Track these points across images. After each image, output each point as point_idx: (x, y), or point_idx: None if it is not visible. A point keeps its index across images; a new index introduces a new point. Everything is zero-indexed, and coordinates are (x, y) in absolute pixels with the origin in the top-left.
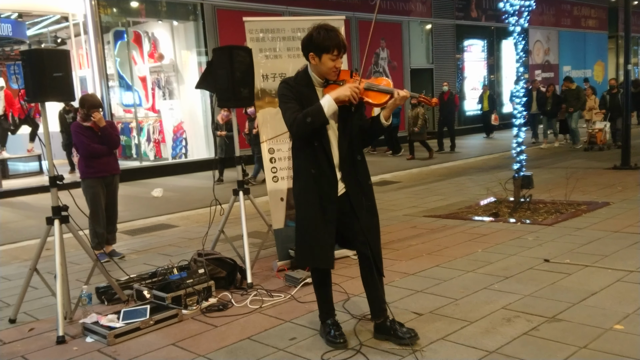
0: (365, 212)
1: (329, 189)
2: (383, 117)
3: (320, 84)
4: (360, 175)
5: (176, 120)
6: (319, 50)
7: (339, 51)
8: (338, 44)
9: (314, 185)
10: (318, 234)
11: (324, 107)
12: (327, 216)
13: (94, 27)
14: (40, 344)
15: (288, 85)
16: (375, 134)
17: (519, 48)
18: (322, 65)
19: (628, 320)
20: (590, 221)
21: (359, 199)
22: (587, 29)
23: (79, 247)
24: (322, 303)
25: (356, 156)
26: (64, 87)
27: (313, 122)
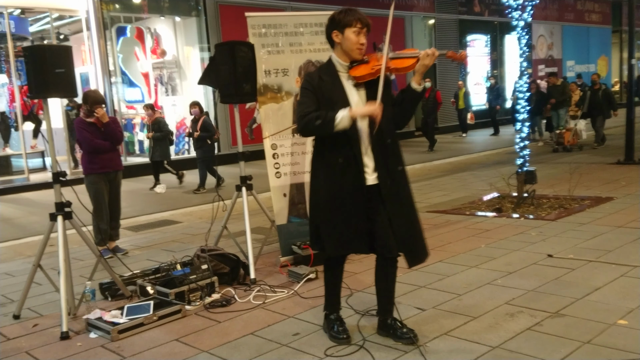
0: (396, 199)
1: (356, 178)
2: (415, 82)
3: (345, 68)
4: (389, 161)
5: (179, 117)
6: (341, 27)
7: (361, 24)
8: (360, 18)
9: (340, 173)
10: (341, 220)
11: (336, 119)
12: (351, 204)
13: (96, 23)
14: (44, 339)
15: (310, 77)
16: (409, 103)
17: (523, 43)
18: (346, 41)
19: (632, 315)
20: (594, 216)
21: (390, 187)
22: (590, 23)
23: (82, 243)
24: (330, 296)
25: (386, 140)
26: (66, 83)
27: (320, 127)
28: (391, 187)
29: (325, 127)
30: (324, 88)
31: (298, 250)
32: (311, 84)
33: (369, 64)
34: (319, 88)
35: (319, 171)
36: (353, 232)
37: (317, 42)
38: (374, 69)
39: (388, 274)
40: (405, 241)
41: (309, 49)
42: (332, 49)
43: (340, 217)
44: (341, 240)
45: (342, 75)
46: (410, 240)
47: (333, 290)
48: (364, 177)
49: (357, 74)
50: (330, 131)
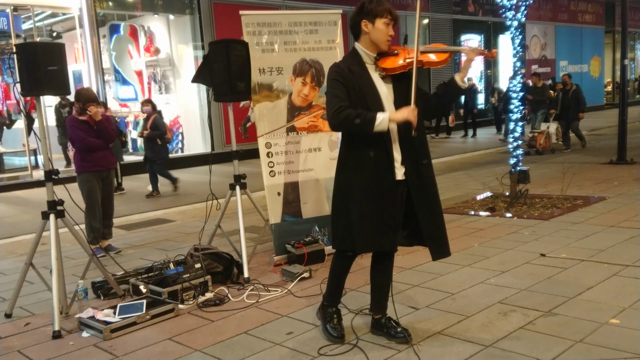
0: (422, 192)
1: (388, 172)
2: (459, 79)
3: (372, 60)
4: (417, 153)
5: (172, 115)
6: (371, 16)
7: (392, 16)
8: (390, 10)
9: (371, 168)
10: (380, 218)
11: (376, 120)
12: (381, 198)
13: (89, 21)
14: (36, 338)
15: (338, 68)
16: (451, 98)
17: (516, 43)
18: (376, 31)
19: (624, 314)
20: (587, 216)
21: (416, 181)
22: (583, 23)
23: (74, 241)
24: (333, 286)
25: (411, 132)
26: (59, 80)
27: (359, 126)
28: (417, 180)
29: (364, 127)
30: (354, 79)
31: (292, 249)
32: (341, 75)
33: (398, 57)
34: (349, 79)
35: (349, 165)
36: (385, 229)
37: (312, 40)
38: (406, 61)
39: (386, 269)
40: (431, 234)
41: (303, 48)
42: (355, 39)
43: (374, 213)
44: (374, 237)
45: (369, 67)
46: (436, 234)
47: (338, 280)
48: (395, 171)
49: (388, 65)
50: (368, 132)
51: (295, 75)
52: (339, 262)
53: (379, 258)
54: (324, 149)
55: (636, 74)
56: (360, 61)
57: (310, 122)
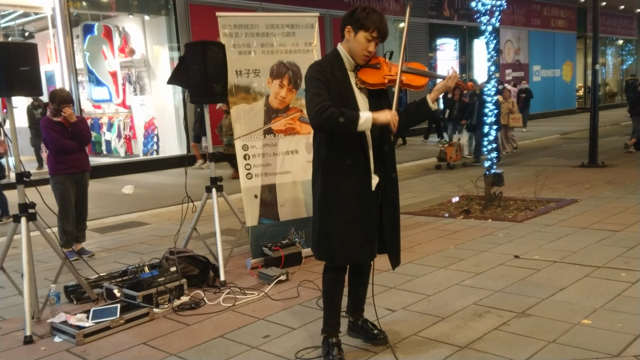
0: (390, 205)
1: (365, 181)
2: (430, 100)
3: (352, 67)
4: (387, 166)
5: (147, 116)
6: (357, 25)
7: (378, 34)
8: (380, 27)
9: (350, 177)
10: (352, 227)
11: (360, 119)
12: (361, 208)
13: (62, 21)
14: (7, 344)
15: (321, 67)
16: (420, 118)
17: (491, 47)
18: (355, 43)
19: (595, 315)
20: (559, 218)
21: (386, 192)
22: (556, 29)
23: (47, 245)
24: (331, 312)
25: (384, 146)
26: (31, 81)
27: (343, 125)
28: (387, 192)
29: (348, 126)
30: (335, 84)
31: (269, 252)
32: (323, 75)
33: (379, 72)
34: (331, 81)
35: (327, 173)
36: (365, 240)
37: (289, 43)
38: (386, 79)
39: (363, 276)
40: (392, 245)
41: (281, 50)
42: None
43: (354, 224)
44: (354, 249)
45: (350, 74)
46: (397, 245)
47: (334, 303)
48: (370, 182)
49: (368, 80)
50: (352, 131)
51: (273, 77)
52: (327, 276)
53: (358, 264)
54: (301, 151)
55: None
56: (342, 66)
57: (288, 125)
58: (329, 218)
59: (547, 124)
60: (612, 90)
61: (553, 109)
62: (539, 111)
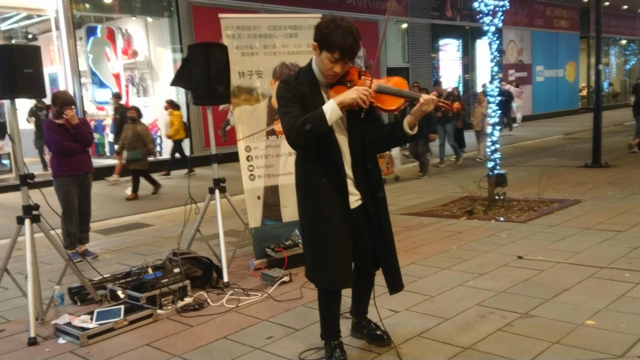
0: (379, 227)
1: (341, 200)
2: (407, 125)
3: (325, 84)
4: (372, 186)
5: (150, 118)
6: (321, 44)
7: (341, 55)
8: (343, 46)
9: (326, 196)
10: (334, 252)
11: (326, 114)
12: (341, 230)
13: (65, 23)
14: (11, 345)
15: (288, 85)
16: (396, 142)
17: (493, 48)
18: (320, 62)
19: (599, 315)
20: (562, 218)
21: (373, 213)
22: (559, 29)
23: (50, 246)
24: (326, 321)
25: (367, 164)
26: (35, 83)
27: (313, 130)
28: (375, 214)
29: (318, 127)
30: (304, 100)
31: (272, 253)
32: (291, 93)
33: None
34: (300, 99)
35: (306, 194)
36: (344, 264)
37: (291, 44)
38: None
39: (367, 283)
40: (388, 270)
41: (283, 51)
42: None
43: (331, 246)
44: (334, 275)
45: (322, 89)
46: (393, 269)
47: (330, 315)
48: (348, 201)
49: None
50: (324, 128)
51: (275, 78)
52: (323, 297)
53: (363, 273)
54: None
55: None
56: (314, 81)
57: None
58: (312, 242)
59: (550, 124)
60: (616, 90)
61: (556, 109)
62: (542, 111)
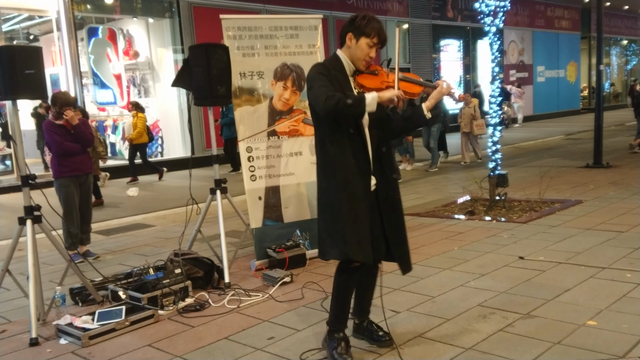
0: (392, 207)
1: (364, 181)
2: (426, 109)
3: (352, 72)
4: (386, 168)
5: (152, 119)
6: (358, 32)
7: (379, 40)
8: (380, 33)
9: (355, 175)
10: (357, 226)
11: (366, 100)
12: (363, 208)
13: (67, 24)
14: (12, 346)
15: (324, 68)
16: (415, 124)
17: (494, 48)
18: (357, 49)
19: (600, 316)
20: (564, 219)
21: (386, 194)
22: (560, 29)
23: (52, 247)
24: (341, 310)
25: (382, 147)
26: (36, 84)
27: (352, 105)
28: (387, 194)
29: (357, 107)
30: (337, 85)
31: (273, 253)
32: (328, 73)
33: (377, 77)
34: (333, 81)
35: (329, 172)
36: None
37: (292, 45)
38: (384, 85)
39: (370, 278)
40: (401, 250)
41: (284, 52)
42: (340, 46)
43: (354, 221)
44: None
45: (350, 78)
46: (405, 249)
47: (343, 300)
48: (370, 183)
49: (367, 84)
50: (362, 110)
51: (276, 79)
52: (342, 277)
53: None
54: (305, 153)
55: (612, 79)
56: (343, 69)
57: (292, 126)
58: (336, 217)
59: (551, 125)
60: (617, 90)
61: (557, 109)
62: (543, 112)
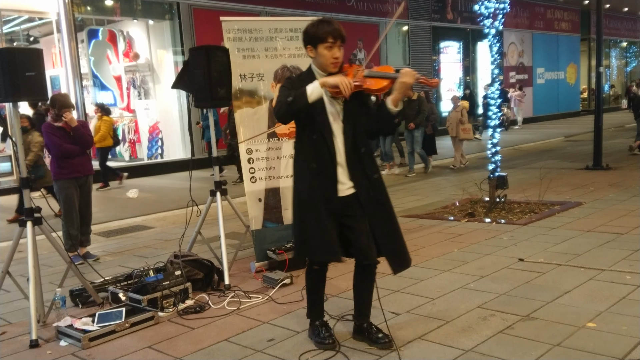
0: (376, 207)
1: (328, 185)
2: (391, 102)
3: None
4: (367, 169)
5: (152, 120)
6: (314, 42)
7: (334, 39)
8: (332, 31)
9: (314, 180)
10: (324, 228)
11: (307, 89)
12: (324, 211)
13: (67, 26)
14: (12, 347)
15: (290, 80)
16: (382, 121)
17: (494, 50)
18: (320, 57)
19: (600, 318)
20: (564, 221)
21: (368, 195)
22: (560, 31)
23: (52, 249)
24: (313, 303)
25: (360, 149)
26: (37, 86)
27: (294, 101)
28: (369, 195)
29: (299, 101)
30: None
31: (273, 255)
32: (292, 85)
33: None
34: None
35: (295, 175)
36: (327, 238)
37: (292, 47)
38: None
39: (367, 280)
40: (389, 247)
41: (285, 54)
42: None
43: (313, 224)
44: (318, 247)
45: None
46: (394, 247)
47: (315, 297)
48: (337, 187)
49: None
50: (304, 102)
51: (277, 81)
52: (307, 276)
53: (360, 270)
54: None
55: (612, 81)
56: (313, 77)
57: (292, 128)
58: (300, 219)
59: (551, 127)
60: (617, 92)
61: (557, 111)
62: (543, 114)
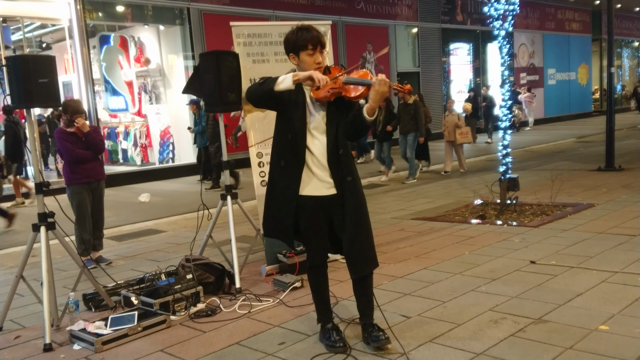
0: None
1: (292, 183)
2: (366, 111)
3: (309, 88)
4: (342, 171)
5: (163, 125)
6: (296, 50)
7: (314, 46)
8: (312, 38)
9: (281, 178)
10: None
11: (279, 78)
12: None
13: (79, 32)
14: (27, 351)
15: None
16: (357, 128)
17: (504, 51)
18: (303, 63)
19: (613, 320)
20: (576, 223)
21: (344, 195)
22: (571, 32)
23: (65, 253)
24: (318, 305)
25: (339, 150)
26: (50, 93)
27: (263, 84)
28: (340, 199)
29: (267, 85)
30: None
31: (283, 258)
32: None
33: (325, 86)
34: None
35: (269, 172)
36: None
37: None
38: (330, 93)
39: (363, 283)
40: (347, 248)
41: None
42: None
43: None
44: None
45: (305, 89)
46: (354, 250)
47: (319, 297)
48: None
49: (315, 95)
50: (270, 87)
51: None
52: (310, 275)
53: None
54: None
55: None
56: (299, 86)
57: None
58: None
59: (563, 128)
60: (629, 92)
61: (569, 112)
62: (554, 114)
